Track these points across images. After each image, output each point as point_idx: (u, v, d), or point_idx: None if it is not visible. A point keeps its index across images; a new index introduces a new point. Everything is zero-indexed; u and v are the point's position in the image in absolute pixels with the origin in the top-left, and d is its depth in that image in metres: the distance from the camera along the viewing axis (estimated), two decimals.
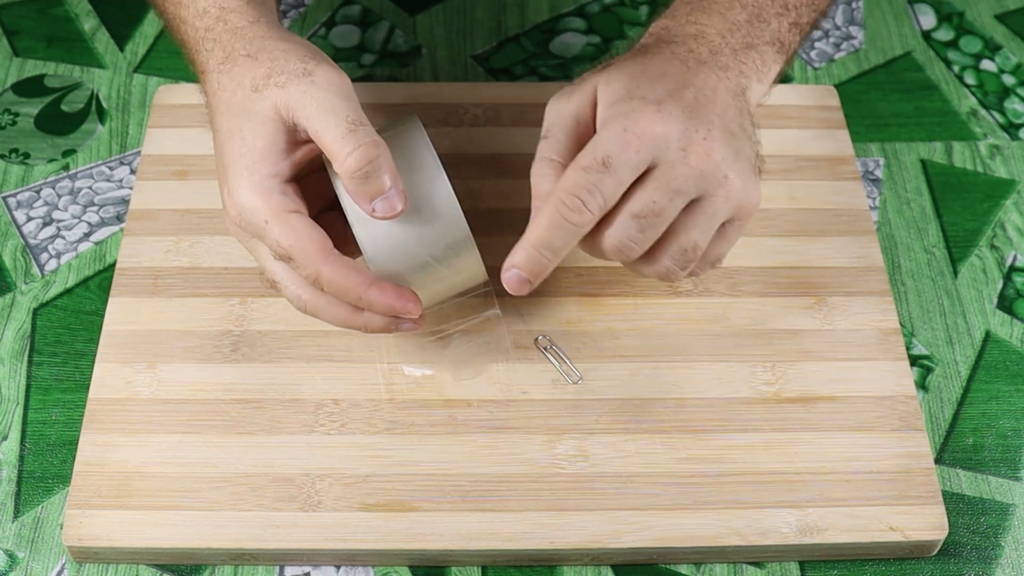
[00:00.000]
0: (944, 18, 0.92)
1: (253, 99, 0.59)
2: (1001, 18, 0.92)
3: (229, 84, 0.60)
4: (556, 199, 0.58)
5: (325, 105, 0.58)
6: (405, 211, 0.59)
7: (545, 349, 0.69)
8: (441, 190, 0.61)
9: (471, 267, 0.63)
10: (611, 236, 0.59)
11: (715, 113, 0.59)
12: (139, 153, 0.80)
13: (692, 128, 0.58)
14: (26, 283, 0.75)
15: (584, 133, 0.60)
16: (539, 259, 0.59)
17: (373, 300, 0.60)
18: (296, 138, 0.60)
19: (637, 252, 0.60)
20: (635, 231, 0.58)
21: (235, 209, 0.60)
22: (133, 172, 0.80)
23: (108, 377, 0.68)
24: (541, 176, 0.61)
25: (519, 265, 0.59)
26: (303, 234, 0.59)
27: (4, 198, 0.79)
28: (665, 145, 0.57)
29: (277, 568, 0.64)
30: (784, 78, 0.86)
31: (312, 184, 0.63)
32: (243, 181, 0.59)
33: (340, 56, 0.88)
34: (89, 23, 0.90)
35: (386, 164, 0.58)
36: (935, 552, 0.65)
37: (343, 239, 0.63)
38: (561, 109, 0.61)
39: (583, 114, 0.61)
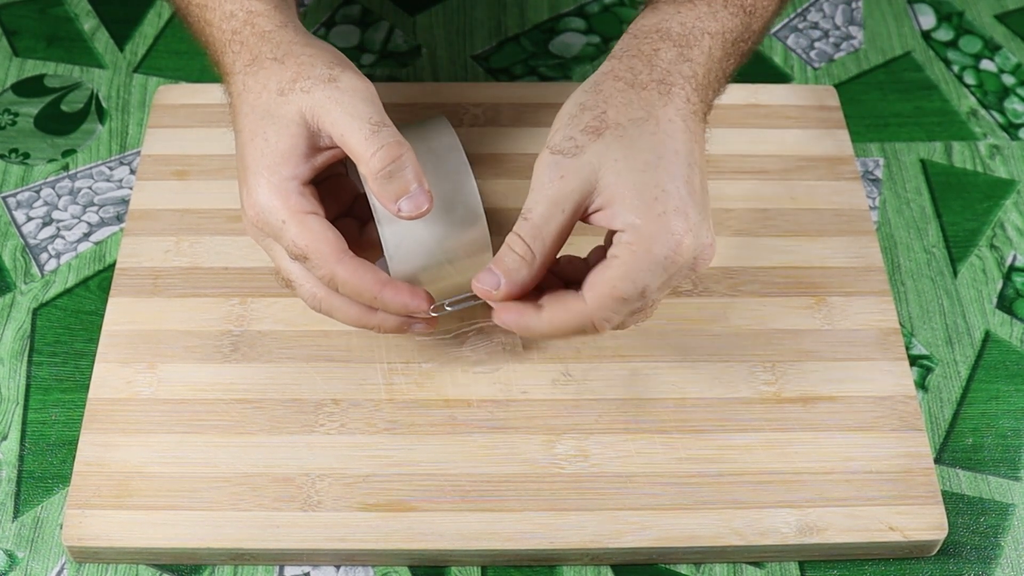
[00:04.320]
0: (944, 18, 0.92)
1: (278, 102, 0.60)
2: (1001, 18, 0.92)
3: (255, 86, 0.61)
4: (587, 318, 0.58)
5: (349, 109, 0.59)
6: (431, 211, 0.59)
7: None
8: (467, 194, 0.61)
9: None
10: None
11: (703, 202, 0.59)
12: (139, 153, 0.80)
13: (701, 240, 0.58)
14: (26, 283, 0.75)
15: (570, 220, 0.58)
16: (531, 334, 0.60)
17: (387, 300, 0.60)
18: (317, 143, 0.60)
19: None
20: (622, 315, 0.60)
21: (253, 209, 0.60)
22: (133, 172, 0.80)
23: (108, 377, 0.68)
24: (515, 264, 0.58)
25: (508, 324, 0.59)
26: (319, 235, 0.59)
27: (4, 198, 0.79)
28: (684, 262, 0.58)
29: (277, 568, 0.64)
30: (784, 78, 0.87)
31: (329, 189, 0.64)
32: (263, 181, 0.60)
33: None
34: (89, 23, 0.90)
35: (410, 163, 0.58)
36: (935, 552, 0.65)
37: (359, 244, 0.64)
38: (553, 196, 0.58)
39: (579, 204, 0.58)
